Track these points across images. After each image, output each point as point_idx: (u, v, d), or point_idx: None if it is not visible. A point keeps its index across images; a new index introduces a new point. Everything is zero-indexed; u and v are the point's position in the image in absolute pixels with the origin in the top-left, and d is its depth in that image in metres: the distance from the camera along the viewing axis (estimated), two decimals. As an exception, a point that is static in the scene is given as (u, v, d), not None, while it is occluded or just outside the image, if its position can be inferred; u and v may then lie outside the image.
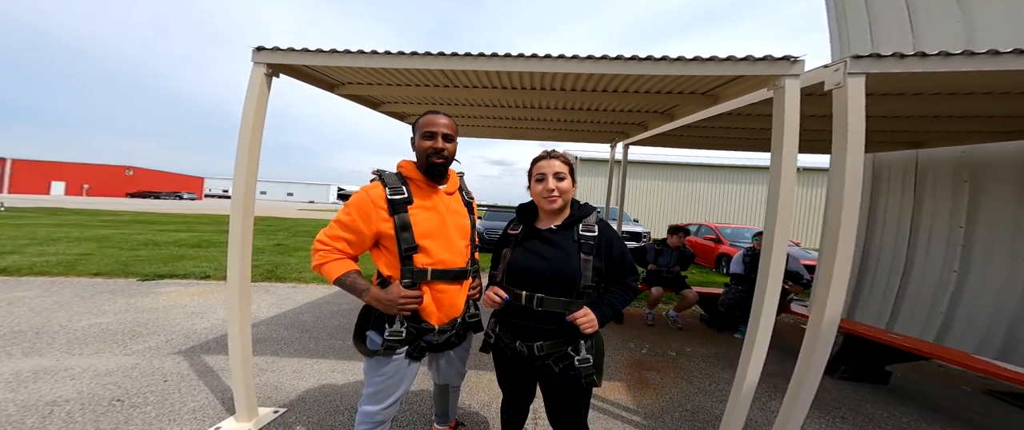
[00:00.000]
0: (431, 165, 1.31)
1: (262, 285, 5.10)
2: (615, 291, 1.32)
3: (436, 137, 1.30)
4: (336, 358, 2.95)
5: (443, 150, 1.31)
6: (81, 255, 6.37)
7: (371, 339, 1.34)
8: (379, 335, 1.31)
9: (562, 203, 1.29)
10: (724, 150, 4.58)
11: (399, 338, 1.29)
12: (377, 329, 1.33)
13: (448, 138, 1.32)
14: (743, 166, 18.66)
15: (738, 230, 9.49)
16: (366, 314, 1.36)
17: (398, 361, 1.31)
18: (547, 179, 1.28)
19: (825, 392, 2.79)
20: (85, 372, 2.50)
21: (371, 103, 3.41)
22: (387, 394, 1.32)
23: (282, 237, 10.36)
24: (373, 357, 1.30)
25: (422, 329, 1.33)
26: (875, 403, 2.70)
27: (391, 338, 1.28)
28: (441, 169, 1.33)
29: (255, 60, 1.93)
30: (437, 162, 1.31)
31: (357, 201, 1.27)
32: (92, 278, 4.99)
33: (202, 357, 2.83)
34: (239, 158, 1.90)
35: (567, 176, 1.28)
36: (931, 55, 1.42)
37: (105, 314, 3.62)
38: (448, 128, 1.32)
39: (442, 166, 1.33)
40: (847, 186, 1.44)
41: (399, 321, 1.29)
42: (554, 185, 1.27)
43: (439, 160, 1.31)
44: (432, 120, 1.32)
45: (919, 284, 3.45)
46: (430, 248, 1.28)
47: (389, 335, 1.28)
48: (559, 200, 1.28)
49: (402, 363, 1.32)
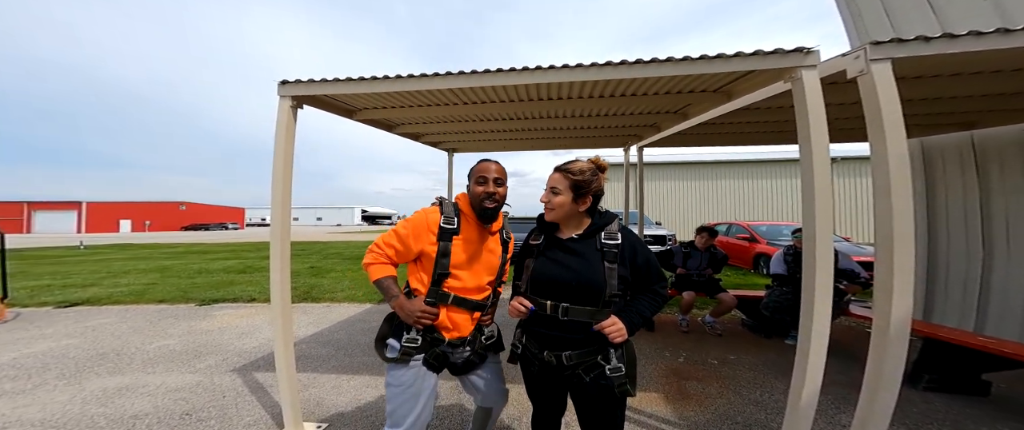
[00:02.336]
0: (484, 210, 1.43)
1: (299, 306, 5.38)
2: (643, 298, 1.30)
3: (488, 182, 1.42)
4: (369, 374, 3.06)
5: (495, 194, 1.42)
6: (148, 285, 7.06)
7: (391, 346, 1.45)
8: (397, 341, 1.42)
9: (555, 216, 1.32)
10: (743, 145, 4.38)
11: (415, 345, 1.39)
12: (396, 336, 1.44)
13: (499, 182, 1.44)
14: (769, 160, 17.58)
15: (774, 227, 8.93)
16: (389, 322, 1.49)
17: (416, 369, 1.40)
18: (546, 192, 1.34)
19: (910, 405, 2.47)
20: (159, 389, 2.78)
21: (387, 126, 3.56)
22: (406, 412, 1.39)
23: (315, 260, 10.89)
24: (393, 363, 1.41)
25: (435, 338, 1.43)
26: (974, 417, 2.35)
27: (408, 344, 1.39)
28: (493, 213, 1.45)
29: (281, 93, 2.02)
30: (490, 207, 1.42)
31: (417, 220, 1.42)
32: (158, 305, 5.50)
33: (253, 374, 3.05)
34: (274, 187, 2.01)
35: (562, 191, 1.29)
36: (960, 36, 1.32)
37: (171, 336, 3.99)
38: (498, 173, 1.44)
39: (494, 211, 1.44)
40: (893, 175, 1.34)
41: (416, 331, 1.40)
42: (547, 198, 1.32)
43: (491, 204, 1.43)
44: (485, 167, 1.44)
45: (1004, 278, 3.06)
46: (460, 277, 1.41)
47: (406, 342, 1.39)
48: (551, 213, 1.32)
49: (420, 371, 1.40)
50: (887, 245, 1.37)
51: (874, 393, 1.45)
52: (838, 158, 16.10)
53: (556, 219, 1.33)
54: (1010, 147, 3.06)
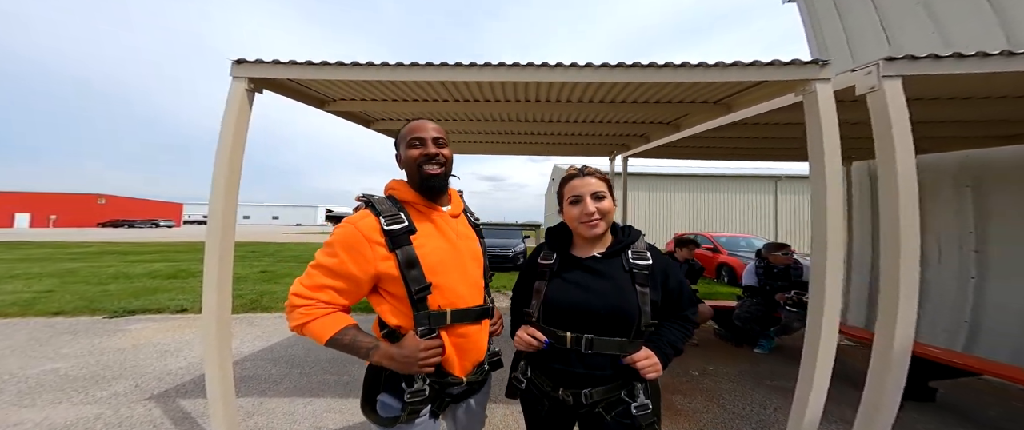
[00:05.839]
0: (426, 177, 1.06)
1: (245, 317, 4.74)
2: (673, 327, 1.14)
3: (426, 143, 1.07)
4: (331, 396, 2.68)
5: (437, 156, 1.07)
6: (41, 293, 5.85)
7: (385, 404, 1.06)
8: (396, 398, 1.05)
9: (605, 227, 1.11)
10: (733, 160, 4.51)
11: (422, 397, 1.04)
12: (392, 391, 1.06)
13: (440, 143, 1.09)
14: (734, 176, 18.98)
15: (733, 239, 9.52)
16: (374, 375, 1.08)
17: (422, 423, 1.07)
18: (584, 201, 1.08)
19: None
20: (37, 427, 2.19)
21: (363, 120, 3.26)
22: None
23: (267, 263, 9.86)
24: (391, 426, 1.04)
25: (447, 383, 1.08)
26: (926, 423, 2.52)
27: (413, 399, 1.02)
28: (439, 181, 1.09)
29: (234, 74, 1.79)
30: (433, 172, 1.07)
31: (343, 238, 1.00)
32: (51, 318, 4.53)
33: (178, 401, 2.54)
34: (217, 179, 1.72)
35: (607, 194, 1.11)
36: (968, 56, 1.36)
37: (64, 358, 3.25)
38: (437, 132, 1.10)
39: (440, 178, 1.08)
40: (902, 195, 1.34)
41: (420, 378, 1.04)
42: (594, 207, 1.07)
43: (435, 168, 1.07)
44: (419, 126, 1.10)
45: (938, 292, 3.34)
46: (445, 285, 1.04)
47: (411, 396, 1.02)
48: (601, 223, 1.09)
49: (427, 424, 1.08)
50: (893, 266, 1.37)
51: (873, 413, 1.44)
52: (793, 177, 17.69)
53: (604, 231, 1.12)
54: (944, 171, 3.38)
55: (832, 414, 2.43)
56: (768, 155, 3.98)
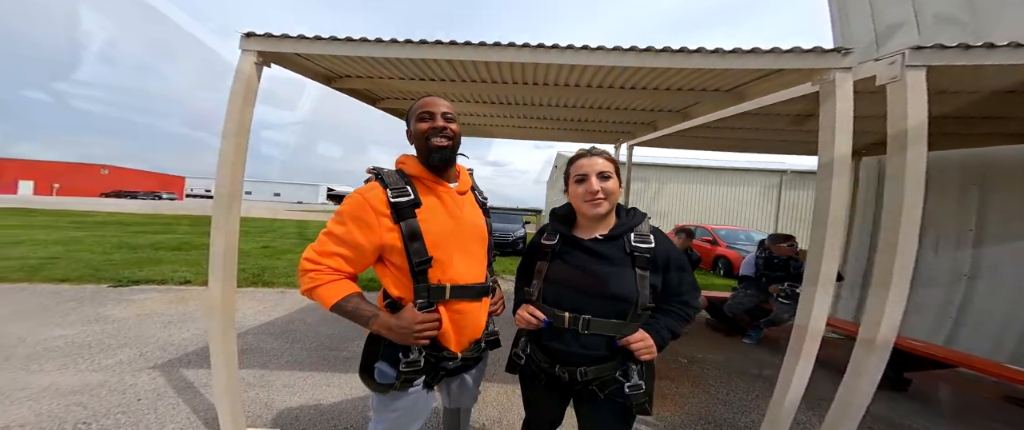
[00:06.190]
0: (435, 150, 1.08)
1: (248, 290, 4.80)
2: (673, 311, 1.15)
3: (435, 116, 1.09)
4: (331, 370, 2.74)
5: (446, 129, 1.09)
6: (46, 259, 5.92)
7: (382, 372, 1.11)
8: (392, 367, 1.09)
9: (608, 207, 1.11)
10: (739, 152, 4.47)
11: (417, 368, 1.08)
12: (389, 360, 1.10)
13: (448, 117, 1.11)
14: (738, 169, 18.79)
15: (732, 232, 9.54)
16: (374, 343, 1.12)
17: (415, 393, 1.12)
18: (589, 179, 1.09)
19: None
20: (45, 392, 2.24)
21: (370, 98, 3.22)
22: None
23: (269, 239, 9.92)
24: (386, 393, 1.09)
25: (442, 356, 1.12)
26: (900, 412, 2.61)
27: (407, 369, 1.07)
28: (447, 154, 1.10)
29: (243, 47, 1.76)
30: (442, 145, 1.08)
31: (352, 207, 1.04)
32: (58, 284, 4.60)
33: (181, 371, 2.59)
34: (224, 153, 1.71)
35: (613, 174, 1.11)
36: (1000, 46, 1.31)
37: (70, 325, 3.31)
38: (447, 107, 1.12)
39: (448, 151, 1.10)
40: (908, 191, 1.33)
41: (416, 349, 1.08)
42: (598, 185, 1.08)
43: (443, 141, 1.08)
44: (428, 100, 1.12)
45: (928, 286, 3.38)
46: (446, 260, 1.07)
47: (405, 366, 1.07)
48: (605, 203, 1.09)
49: (420, 395, 1.13)
50: (888, 260, 1.37)
51: (849, 401, 1.49)
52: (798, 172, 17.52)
53: (607, 211, 1.12)
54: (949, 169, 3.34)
55: (810, 402, 2.48)
56: (776, 147, 3.94)
